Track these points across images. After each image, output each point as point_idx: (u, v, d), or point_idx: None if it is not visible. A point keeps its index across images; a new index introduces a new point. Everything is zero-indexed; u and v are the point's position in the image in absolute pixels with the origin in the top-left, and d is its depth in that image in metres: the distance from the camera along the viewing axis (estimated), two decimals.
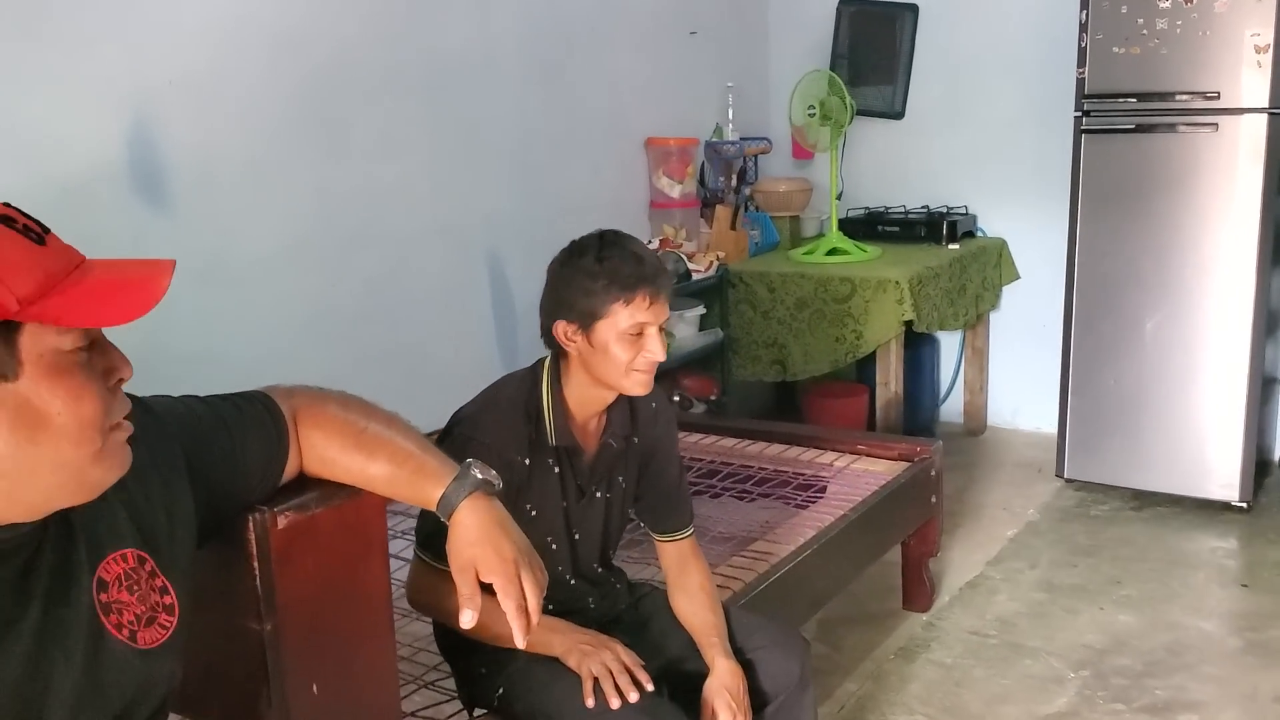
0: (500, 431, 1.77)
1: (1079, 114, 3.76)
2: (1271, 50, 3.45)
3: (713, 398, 4.06)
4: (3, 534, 0.99)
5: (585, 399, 1.84)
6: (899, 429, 3.97)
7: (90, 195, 2.54)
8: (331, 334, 3.11)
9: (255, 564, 1.26)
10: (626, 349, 1.76)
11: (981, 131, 4.57)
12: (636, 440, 1.93)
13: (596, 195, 4.02)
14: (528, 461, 1.79)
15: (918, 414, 4.60)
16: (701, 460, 3.07)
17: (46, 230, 1.00)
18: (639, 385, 1.81)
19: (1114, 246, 3.78)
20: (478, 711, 1.84)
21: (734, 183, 4.31)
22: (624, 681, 1.66)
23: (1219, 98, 3.54)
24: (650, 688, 1.70)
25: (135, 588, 1.11)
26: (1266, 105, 3.49)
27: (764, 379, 4.17)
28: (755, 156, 4.67)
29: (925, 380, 4.66)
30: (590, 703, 1.65)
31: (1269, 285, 3.65)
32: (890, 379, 3.96)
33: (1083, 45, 3.71)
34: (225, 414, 1.30)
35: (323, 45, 3.04)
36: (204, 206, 2.78)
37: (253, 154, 2.88)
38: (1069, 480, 4.00)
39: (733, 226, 4.21)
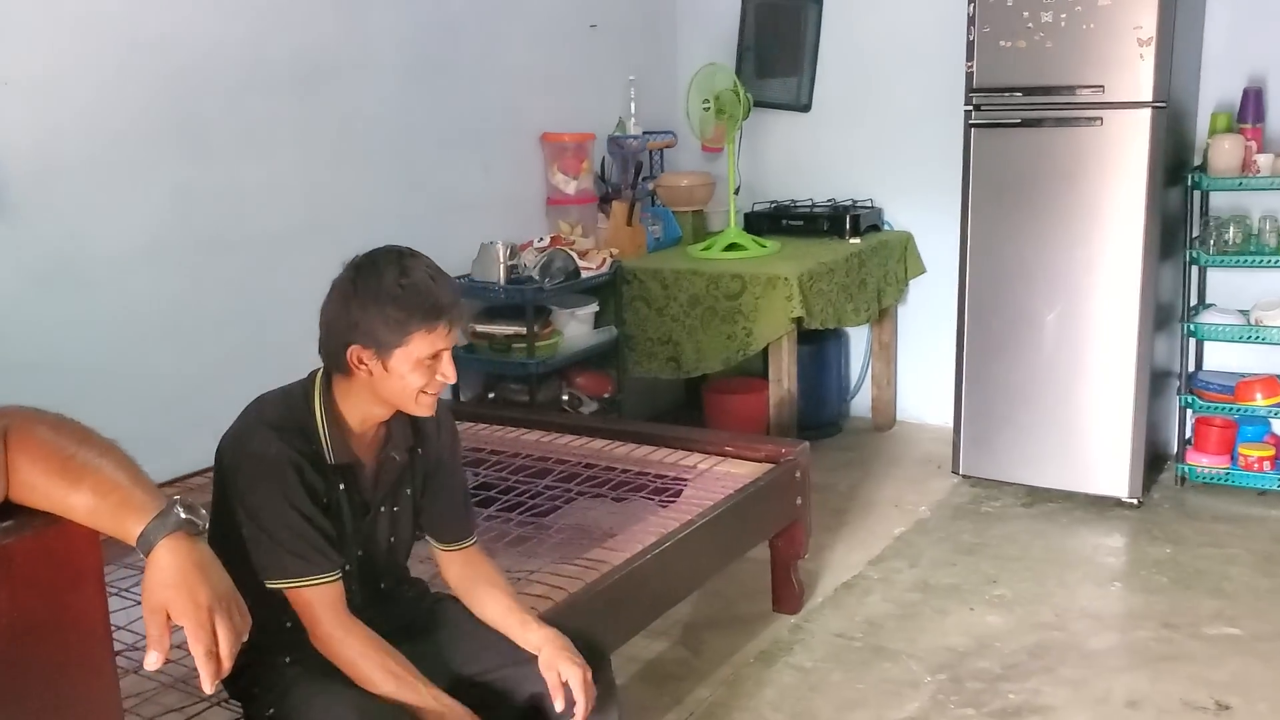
0: (286, 447, 1.72)
1: (969, 108, 3.74)
2: (1154, 43, 3.44)
3: (606, 395, 4.02)
4: None
5: (365, 415, 1.80)
6: (792, 426, 3.94)
7: None
8: (191, 337, 3.07)
9: None
10: (422, 375, 1.74)
11: (886, 124, 4.54)
12: (420, 451, 1.90)
13: (488, 192, 3.98)
14: (319, 474, 1.76)
15: (824, 409, 4.59)
16: (565, 463, 3.04)
17: None
18: (427, 408, 1.80)
19: (1003, 241, 3.77)
20: None
21: (631, 178, 4.26)
22: None
23: (1104, 91, 3.52)
24: None
25: None
26: (1150, 99, 3.48)
27: (660, 376, 4.14)
28: (661, 151, 4.63)
29: (831, 375, 4.64)
30: None
31: (1157, 279, 3.64)
32: (783, 376, 3.93)
33: (970, 39, 3.69)
34: None
35: (180, 44, 2.99)
36: (45, 208, 2.73)
37: (101, 154, 2.83)
38: (965, 476, 3.99)
39: (629, 222, 4.17)
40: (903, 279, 4.52)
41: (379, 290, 1.73)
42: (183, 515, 1.29)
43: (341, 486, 1.80)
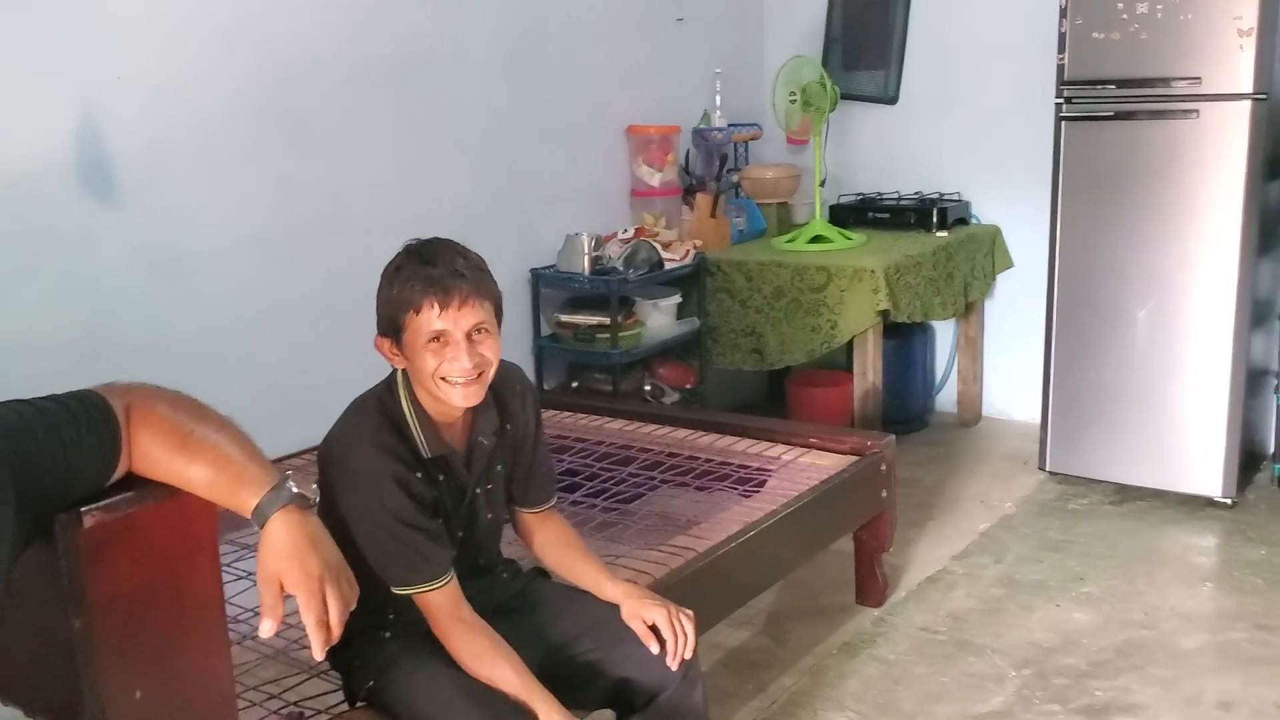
0: (385, 458, 1.75)
1: (1059, 101, 3.68)
2: (1255, 34, 3.35)
3: (688, 386, 4.05)
4: None
5: (441, 409, 1.81)
6: (877, 420, 3.93)
7: (37, 189, 2.60)
8: (291, 326, 3.16)
9: (63, 562, 1.29)
10: (432, 358, 1.73)
11: (975, 117, 4.50)
12: (509, 428, 1.93)
13: (573, 184, 4.03)
14: (420, 475, 1.80)
15: (909, 404, 4.56)
16: (649, 452, 3.07)
17: None
18: (460, 397, 1.76)
19: (1095, 236, 3.71)
20: (359, 704, 1.87)
21: (715, 170, 4.28)
22: None
23: (1201, 83, 3.45)
24: None
25: None
26: (1250, 91, 3.39)
27: (742, 368, 4.15)
28: (746, 143, 4.64)
29: (917, 370, 4.61)
30: None
31: (1254, 275, 3.56)
32: (868, 369, 3.92)
33: (1062, 31, 3.63)
34: (58, 419, 1.32)
35: (280, 38, 3.07)
36: (155, 199, 2.83)
37: (206, 148, 2.93)
38: (1052, 473, 3.94)
39: (712, 214, 4.19)
40: (990, 273, 4.48)
41: (384, 278, 1.78)
42: (295, 489, 1.35)
43: (440, 477, 1.84)
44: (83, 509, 1.30)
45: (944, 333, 4.75)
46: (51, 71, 2.61)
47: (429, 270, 1.71)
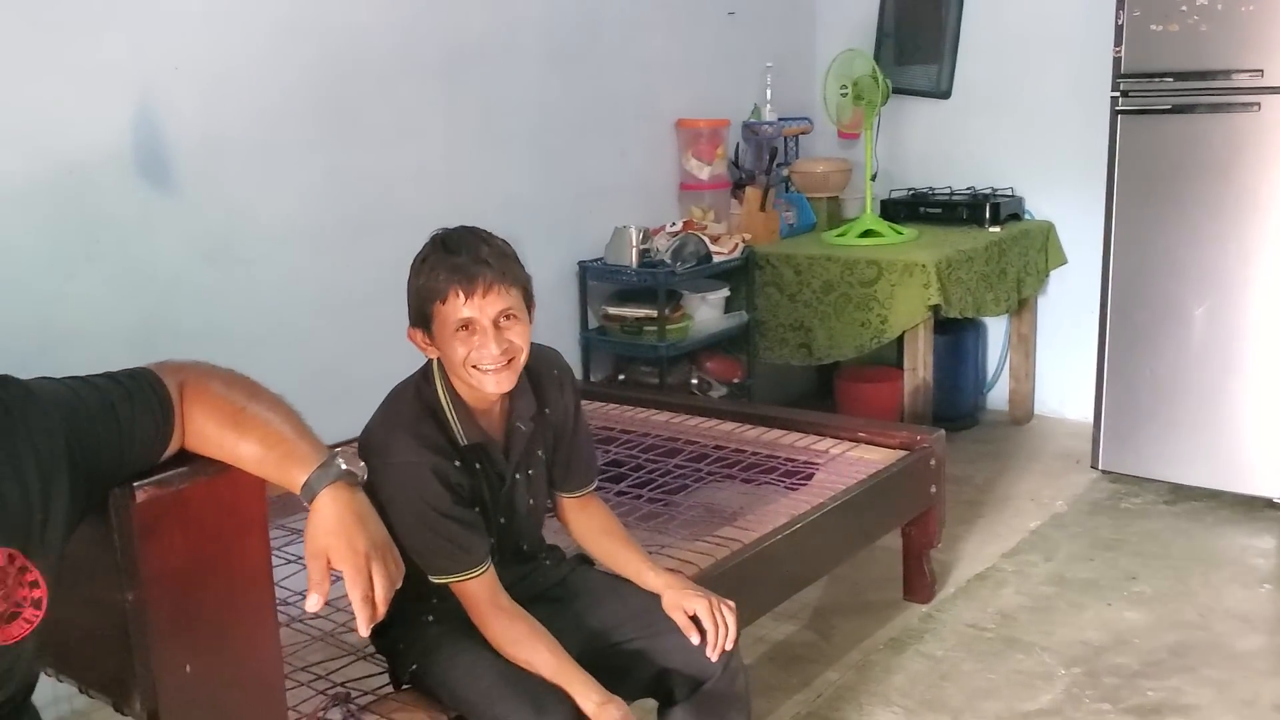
0: (422, 448, 1.76)
1: (1115, 94, 3.63)
2: None
3: (736, 380, 4.04)
4: None
5: (477, 396, 1.83)
6: (928, 416, 3.89)
7: (96, 178, 2.65)
8: (341, 315, 3.19)
9: (116, 536, 1.32)
10: (461, 346, 1.75)
11: (1029, 112, 4.44)
12: (548, 412, 1.93)
13: (622, 177, 4.03)
14: (458, 463, 1.81)
15: (960, 401, 4.51)
16: (695, 444, 3.07)
17: None
18: (491, 384, 1.78)
19: (1152, 232, 3.65)
20: (405, 686, 1.88)
21: (765, 164, 4.26)
22: None
23: (1263, 75, 3.38)
24: None
25: (2, 585, 1.16)
26: None
27: (790, 362, 4.13)
28: (797, 137, 4.62)
29: (968, 366, 4.56)
30: None
31: None
32: (918, 365, 3.88)
33: (1119, 23, 3.58)
34: (113, 397, 1.34)
35: (335, 31, 3.11)
36: (211, 188, 2.88)
37: (260, 138, 2.97)
38: (1105, 472, 3.88)
39: (762, 208, 4.17)
40: (1043, 269, 4.42)
41: (412, 270, 1.80)
42: (344, 466, 1.37)
43: (478, 465, 1.85)
44: (136, 484, 1.32)
45: (995, 330, 4.70)
46: (112, 62, 2.65)
47: (453, 259, 1.73)
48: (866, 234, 4.12)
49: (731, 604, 1.91)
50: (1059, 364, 4.56)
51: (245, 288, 2.96)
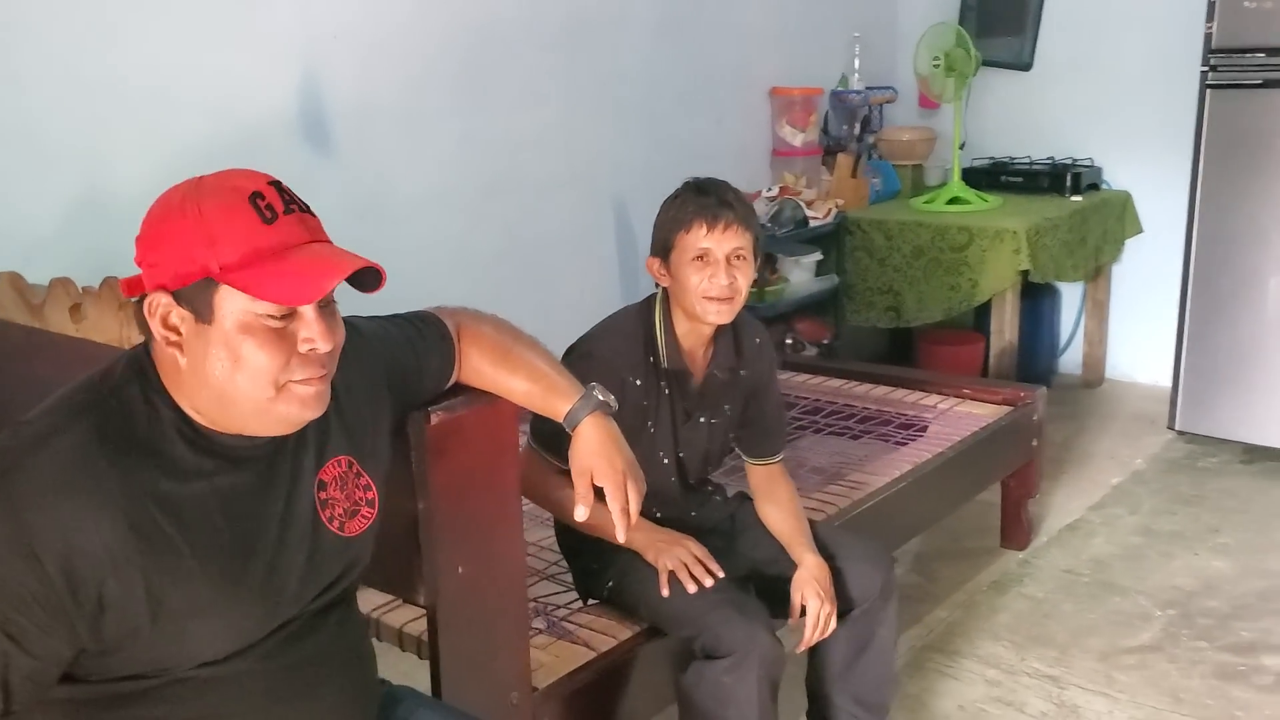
0: (618, 353, 2.00)
1: (1205, 69, 3.76)
2: None
3: (825, 341, 4.22)
4: (241, 443, 1.24)
5: (688, 330, 2.04)
6: (1012, 377, 4.06)
7: (266, 141, 2.85)
8: (471, 271, 3.38)
9: (413, 453, 1.52)
10: (695, 274, 1.95)
11: (1109, 84, 4.57)
12: (743, 373, 2.13)
13: (720, 144, 4.20)
14: (639, 382, 2.01)
15: (1034, 364, 4.67)
16: (808, 398, 3.26)
17: (289, 210, 1.19)
18: (713, 313, 1.97)
19: (1236, 203, 3.79)
20: (590, 601, 2.10)
21: (857, 131, 4.42)
22: (698, 571, 1.89)
23: None
24: (721, 575, 1.90)
25: (344, 487, 1.36)
26: None
27: (878, 325, 4.31)
28: (880, 106, 4.77)
29: (1044, 330, 4.73)
30: (665, 592, 1.88)
31: None
32: (1005, 327, 4.05)
33: (1211, 0, 3.71)
34: (410, 335, 1.55)
35: (469, 1, 3.28)
36: (363, 152, 3.07)
37: (406, 103, 3.15)
38: (1180, 432, 4.05)
39: (853, 174, 4.34)
40: (1121, 237, 4.57)
41: (662, 207, 2.04)
42: (600, 398, 1.57)
43: (667, 391, 2.05)
44: (430, 408, 1.52)
45: (1070, 295, 4.85)
46: (281, 30, 2.84)
47: (702, 198, 1.97)
48: (954, 201, 4.28)
49: (830, 610, 2.02)
50: (1132, 329, 4.71)
51: (391, 246, 3.13)
